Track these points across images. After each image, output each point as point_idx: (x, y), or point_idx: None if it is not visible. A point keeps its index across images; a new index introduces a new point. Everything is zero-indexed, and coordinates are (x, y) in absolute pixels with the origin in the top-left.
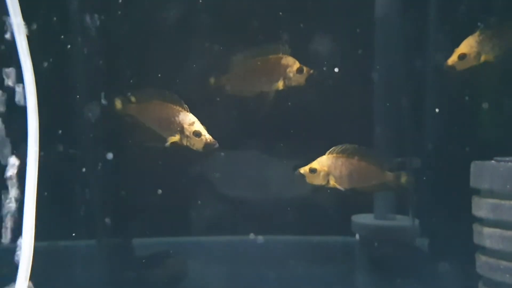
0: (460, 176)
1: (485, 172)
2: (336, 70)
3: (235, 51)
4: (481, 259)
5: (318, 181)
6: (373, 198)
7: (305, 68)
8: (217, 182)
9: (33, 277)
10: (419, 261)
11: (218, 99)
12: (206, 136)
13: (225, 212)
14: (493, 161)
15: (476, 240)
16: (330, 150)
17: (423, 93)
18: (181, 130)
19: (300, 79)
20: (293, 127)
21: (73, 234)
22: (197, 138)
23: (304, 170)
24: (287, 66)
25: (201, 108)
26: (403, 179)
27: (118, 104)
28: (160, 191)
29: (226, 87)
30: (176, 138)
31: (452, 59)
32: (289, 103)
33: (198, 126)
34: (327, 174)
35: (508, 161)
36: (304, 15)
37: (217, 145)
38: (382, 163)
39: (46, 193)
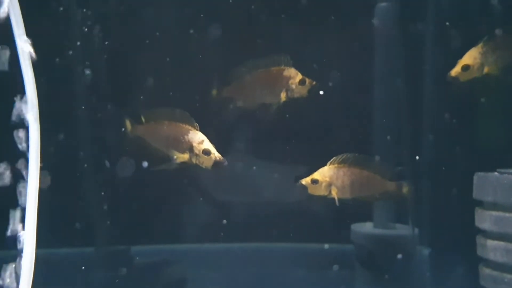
0: (463, 187)
1: (488, 184)
2: (321, 92)
3: (237, 63)
4: (485, 272)
5: (320, 192)
6: (372, 207)
7: (307, 80)
8: (215, 189)
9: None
10: (420, 272)
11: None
12: (216, 154)
13: (223, 220)
14: (496, 173)
15: (479, 252)
16: (331, 160)
17: (426, 102)
18: (190, 149)
19: (303, 91)
20: (294, 137)
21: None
22: (206, 157)
23: (305, 181)
24: (289, 78)
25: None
26: (405, 189)
27: (128, 125)
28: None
29: (228, 99)
30: (185, 156)
31: (456, 70)
32: (288, 113)
33: (207, 145)
34: (329, 184)
35: (511, 173)
36: (306, 25)
37: (226, 163)
38: (383, 172)
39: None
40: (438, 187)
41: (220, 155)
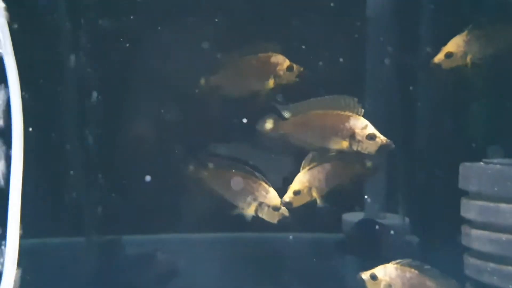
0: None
1: (473, 174)
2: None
3: (224, 51)
4: (469, 261)
5: (304, 200)
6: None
7: (295, 66)
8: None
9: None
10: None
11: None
12: (382, 138)
13: (215, 210)
14: (481, 163)
15: (464, 242)
16: (302, 164)
17: (413, 91)
18: (352, 136)
19: (291, 77)
20: None
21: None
22: (371, 142)
23: (289, 197)
24: (277, 64)
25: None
26: (368, 164)
27: (271, 123)
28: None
29: (216, 88)
30: (343, 144)
31: (439, 57)
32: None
33: (372, 129)
34: (310, 189)
35: (496, 163)
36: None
37: (393, 145)
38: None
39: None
40: (427, 176)
41: (385, 138)
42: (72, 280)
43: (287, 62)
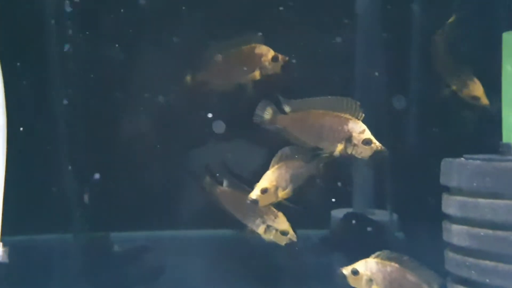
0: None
1: (453, 169)
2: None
3: (207, 46)
4: (449, 256)
5: (272, 198)
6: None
7: (280, 56)
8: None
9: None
10: None
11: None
12: (377, 144)
13: (206, 206)
14: (462, 159)
15: (445, 237)
16: (272, 162)
17: (395, 87)
18: (348, 139)
19: (276, 68)
20: None
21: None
22: (366, 147)
23: (255, 195)
24: (261, 55)
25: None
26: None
27: (270, 114)
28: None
29: (203, 83)
30: (339, 147)
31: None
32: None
33: (368, 134)
34: (277, 188)
35: (476, 159)
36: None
37: (387, 152)
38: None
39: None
40: (411, 173)
41: (380, 145)
42: (61, 277)
43: (271, 53)
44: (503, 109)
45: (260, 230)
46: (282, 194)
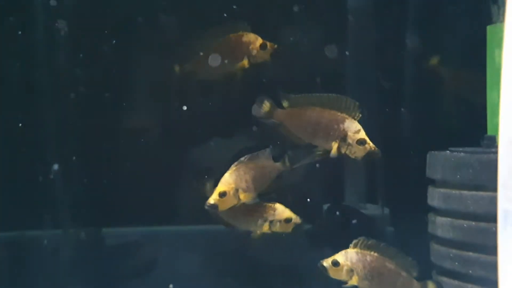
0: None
1: (438, 162)
2: None
3: (193, 35)
4: (434, 248)
5: (231, 202)
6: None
7: (268, 44)
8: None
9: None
10: None
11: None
12: (370, 144)
13: (190, 202)
14: (447, 152)
15: (430, 229)
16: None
17: (385, 80)
18: (343, 138)
19: (265, 55)
20: None
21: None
22: (360, 147)
23: (213, 199)
24: (249, 43)
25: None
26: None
27: (268, 107)
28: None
29: (191, 73)
30: (334, 146)
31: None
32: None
33: (363, 134)
34: (236, 190)
35: (460, 151)
36: None
37: (380, 154)
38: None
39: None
40: (400, 166)
41: (374, 146)
42: (53, 272)
43: (259, 40)
44: (487, 98)
45: (265, 228)
46: (243, 196)
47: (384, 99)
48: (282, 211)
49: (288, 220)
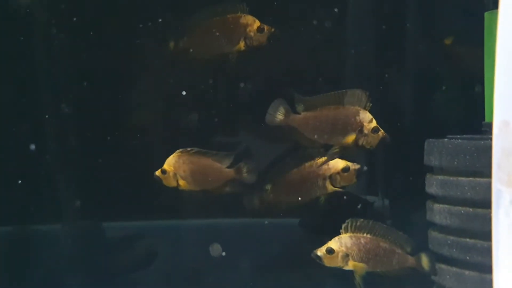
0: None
1: (435, 149)
2: None
3: (191, 13)
4: (432, 235)
5: (171, 182)
6: None
7: (265, 27)
8: None
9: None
10: None
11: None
12: (381, 131)
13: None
14: (445, 139)
15: (428, 217)
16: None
17: (383, 69)
18: (360, 130)
19: (262, 39)
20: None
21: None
22: (374, 135)
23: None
24: (246, 26)
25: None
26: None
27: (283, 115)
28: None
29: (186, 51)
30: (350, 139)
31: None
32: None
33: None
34: (174, 174)
35: (458, 138)
36: None
37: (389, 139)
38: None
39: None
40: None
41: (384, 132)
42: (51, 267)
43: (257, 23)
44: (485, 85)
45: (329, 187)
46: (182, 183)
47: (385, 88)
48: (335, 162)
49: (346, 169)
